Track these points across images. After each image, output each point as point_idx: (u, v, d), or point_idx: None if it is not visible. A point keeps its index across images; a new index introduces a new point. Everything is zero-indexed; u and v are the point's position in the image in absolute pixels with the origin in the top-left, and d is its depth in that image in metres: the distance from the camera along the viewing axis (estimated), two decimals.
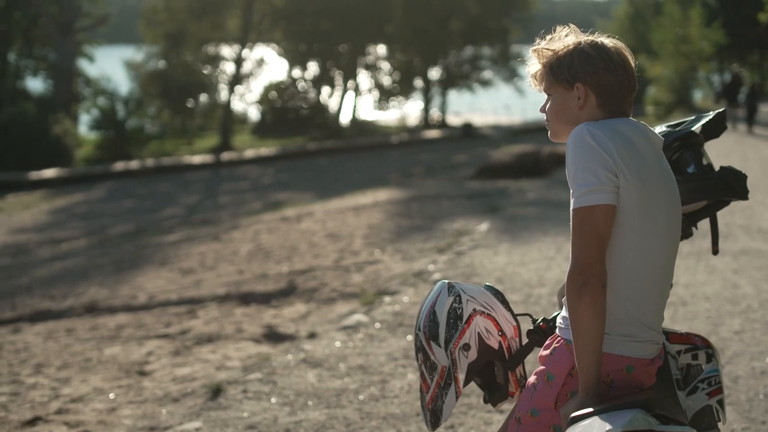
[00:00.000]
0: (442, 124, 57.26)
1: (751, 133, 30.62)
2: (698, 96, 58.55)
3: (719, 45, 49.71)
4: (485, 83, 62.53)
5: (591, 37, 3.12)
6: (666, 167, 3.10)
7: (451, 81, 60.88)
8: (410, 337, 7.63)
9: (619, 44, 3.11)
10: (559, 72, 3.09)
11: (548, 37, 3.18)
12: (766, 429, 5.49)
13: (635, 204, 2.93)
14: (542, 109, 3.22)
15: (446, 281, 3.47)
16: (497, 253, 11.09)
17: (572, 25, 3.20)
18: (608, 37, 3.15)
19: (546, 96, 3.21)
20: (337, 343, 7.60)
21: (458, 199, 17.01)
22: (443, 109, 60.67)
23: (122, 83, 49.73)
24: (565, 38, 3.13)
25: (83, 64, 50.24)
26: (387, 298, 9.05)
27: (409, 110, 62.71)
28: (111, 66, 53.06)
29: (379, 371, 6.83)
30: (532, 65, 3.22)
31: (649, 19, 58.79)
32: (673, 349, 3.41)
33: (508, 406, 3.92)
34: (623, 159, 2.91)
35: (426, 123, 57.90)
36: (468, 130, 48.86)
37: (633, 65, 3.10)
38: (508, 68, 61.52)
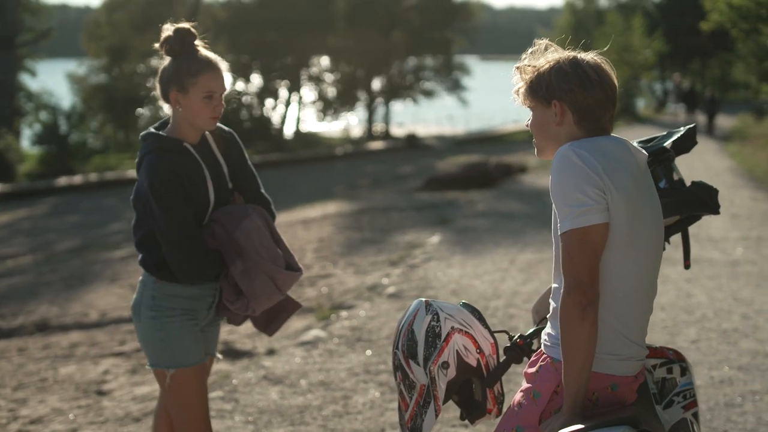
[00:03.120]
0: (386, 135, 57.33)
1: (713, 136, 33.60)
2: (641, 104, 59.23)
3: (661, 53, 50.39)
4: (428, 94, 62.73)
5: (572, 54, 3.13)
6: (649, 182, 3.13)
7: (394, 92, 61.02)
8: (370, 352, 7.62)
9: (599, 61, 3.13)
10: (538, 89, 3.11)
11: (529, 50, 3.19)
12: None
13: (622, 220, 2.95)
14: (527, 124, 3.23)
15: (423, 299, 3.47)
16: (450, 265, 11.12)
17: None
18: (591, 52, 3.16)
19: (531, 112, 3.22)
20: (297, 359, 7.58)
21: (408, 211, 17.03)
22: (387, 120, 60.78)
23: (65, 97, 49.18)
24: (546, 53, 3.15)
25: (25, 79, 49.61)
26: (343, 313, 9.05)
27: (353, 122, 62.79)
28: (53, 80, 52.53)
29: (341, 387, 6.81)
30: (516, 81, 3.23)
31: (591, 28, 59.35)
32: (649, 363, 3.44)
33: (484, 424, 3.92)
34: (609, 176, 2.93)
35: (370, 134, 57.96)
36: (412, 140, 49.02)
37: (613, 81, 3.12)
38: (451, 79, 61.86)
